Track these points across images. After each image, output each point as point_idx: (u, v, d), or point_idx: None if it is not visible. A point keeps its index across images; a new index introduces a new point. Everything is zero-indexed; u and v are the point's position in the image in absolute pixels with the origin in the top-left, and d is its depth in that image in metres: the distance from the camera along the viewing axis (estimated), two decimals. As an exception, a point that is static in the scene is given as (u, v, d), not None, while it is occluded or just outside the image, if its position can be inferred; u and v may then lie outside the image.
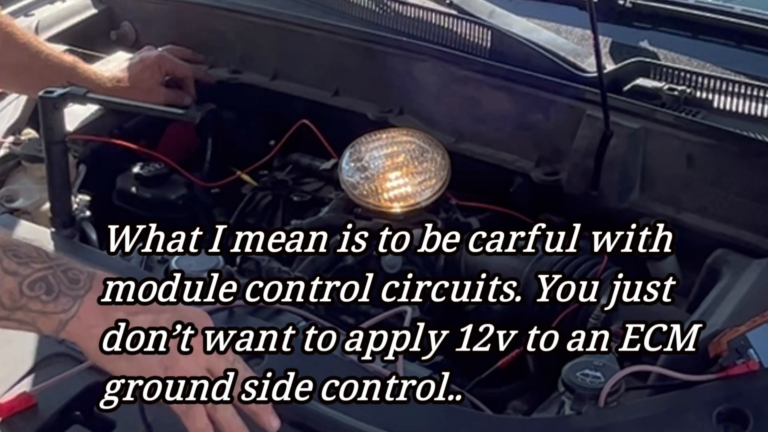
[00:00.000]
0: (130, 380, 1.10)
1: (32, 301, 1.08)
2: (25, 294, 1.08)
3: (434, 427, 1.19)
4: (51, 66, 1.80)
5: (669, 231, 1.50)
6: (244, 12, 2.01)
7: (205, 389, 1.10)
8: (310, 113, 1.87)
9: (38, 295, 1.08)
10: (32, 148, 1.72)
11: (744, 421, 1.12)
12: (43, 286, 1.09)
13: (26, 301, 1.08)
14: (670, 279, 1.50)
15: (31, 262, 1.10)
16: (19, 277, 1.08)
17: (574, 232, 1.59)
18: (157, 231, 1.69)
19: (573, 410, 1.16)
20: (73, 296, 1.09)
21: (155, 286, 1.15)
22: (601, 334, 1.39)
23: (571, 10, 1.93)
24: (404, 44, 1.83)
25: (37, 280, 1.09)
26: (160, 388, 1.09)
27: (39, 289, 1.08)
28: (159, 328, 1.11)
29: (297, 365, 1.23)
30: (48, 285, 1.09)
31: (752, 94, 1.59)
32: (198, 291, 1.35)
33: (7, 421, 1.23)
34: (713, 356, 1.20)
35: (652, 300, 1.43)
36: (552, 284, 1.49)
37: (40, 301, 1.08)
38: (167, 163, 1.85)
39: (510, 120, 1.73)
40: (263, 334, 1.28)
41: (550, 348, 1.45)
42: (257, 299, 1.36)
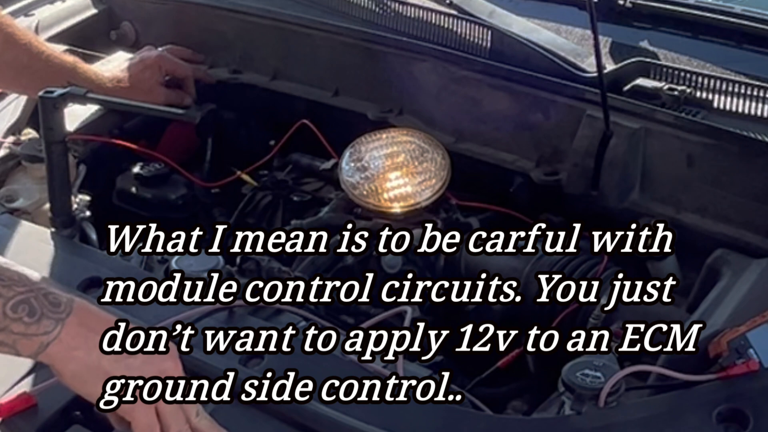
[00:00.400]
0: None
1: (15, 323, 1.10)
2: (8, 315, 1.10)
3: (434, 427, 1.19)
4: (51, 66, 1.80)
5: (669, 231, 1.50)
6: (244, 12, 2.01)
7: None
8: (310, 113, 1.88)
9: (21, 317, 1.10)
10: (32, 148, 1.72)
11: (744, 421, 1.12)
12: (25, 308, 1.11)
13: (8, 323, 1.10)
14: (670, 279, 1.50)
15: (13, 285, 1.12)
16: (2, 299, 1.10)
17: (574, 232, 1.59)
18: (157, 231, 1.69)
19: (573, 410, 1.16)
20: (55, 319, 1.12)
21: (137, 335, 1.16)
22: (601, 334, 1.39)
23: (571, 10, 1.93)
24: (404, 44, 1.83)
25: (19, 303, 1.11)
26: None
27: (22, 311, 1.10)
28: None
29: (297, 365, 1.23)
30: (30, 307, 1.11)
31: (752, 94, 1.59)
32: (198, 291, 1.35)
33: (7, 421, 1.23)
34: (713, 356, 1.20)
35: (652, 300, 1.43)
36: (552, 284, 1.49)
37: (22, 323, 1.10)
38: (167, 163, 1.85)
39: (510, 120, 1.73)
40: (263, 334, 1.28)
41: (550, 348, 1.45)
42: (257, 299, 1.36)
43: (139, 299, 1.11)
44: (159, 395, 1.11)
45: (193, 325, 1.12)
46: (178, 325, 1.11)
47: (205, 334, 1.12)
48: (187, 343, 1.11)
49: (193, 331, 1.11)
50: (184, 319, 1.29)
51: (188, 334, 1.11)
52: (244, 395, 1.12)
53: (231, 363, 1.23)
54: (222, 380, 1.11)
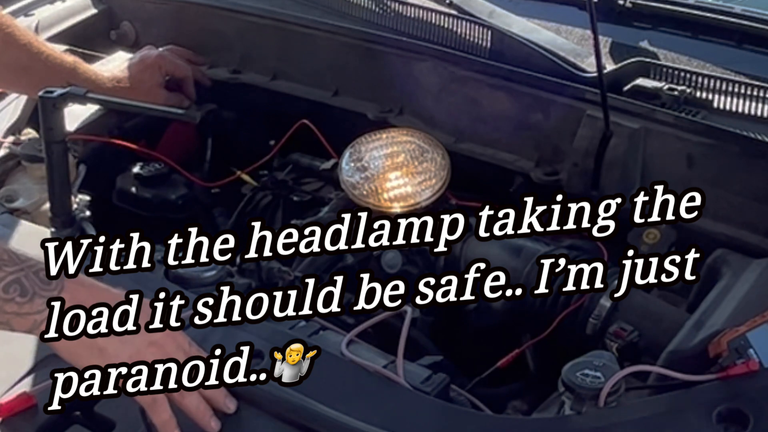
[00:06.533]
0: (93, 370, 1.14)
1: (8, 303, 1.11)
2: (0, 297, 1.11)
3: (434, 427, 1.18)
4: (51, 67, 1.80)
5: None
6: (244, 12, 2.01)
7: (173, 376, 1.15)
8: (310, 113, 1.87)
9: (13, 297, 1.12)
10: (32, 148, 1.72)
11: (744, 421, 1.12)
12: (17, 288, 1.12)
13: (1, 304, 1.11)
14: (692, 251, 1.35)
15: (3, 265, 1.12)
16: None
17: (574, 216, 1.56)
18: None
19: (573, 410, 1.16)
20: (47, 297, 1.12)
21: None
22: (601, 334, 1.39)
23: (571, 10, 1.94)
24: (404, 44, 1.83)
25: (11, 283, 1.12)
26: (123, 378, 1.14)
27: (13, 291, 1.12)
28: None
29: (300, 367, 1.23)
30: (22, 287, 1.12)
31: (752, 94, 1.59)
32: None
33: (7, 421, 1.23)
34: (713, 356, 1.20)
35: (672, 280, 1.33)
36: (556, 271, 1.46)
37: (15, 303, 1.11)
38: (167, 163, 1.85)
39: (510, 120, 1.73)
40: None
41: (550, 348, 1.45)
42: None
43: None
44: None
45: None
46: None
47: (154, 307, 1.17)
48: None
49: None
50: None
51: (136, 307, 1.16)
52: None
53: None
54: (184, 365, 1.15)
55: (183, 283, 1.41)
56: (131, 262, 1.35)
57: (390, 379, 1.23)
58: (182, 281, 1.42)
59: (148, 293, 1.27)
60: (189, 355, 1.18)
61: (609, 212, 1.41)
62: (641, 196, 1.51)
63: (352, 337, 1.30)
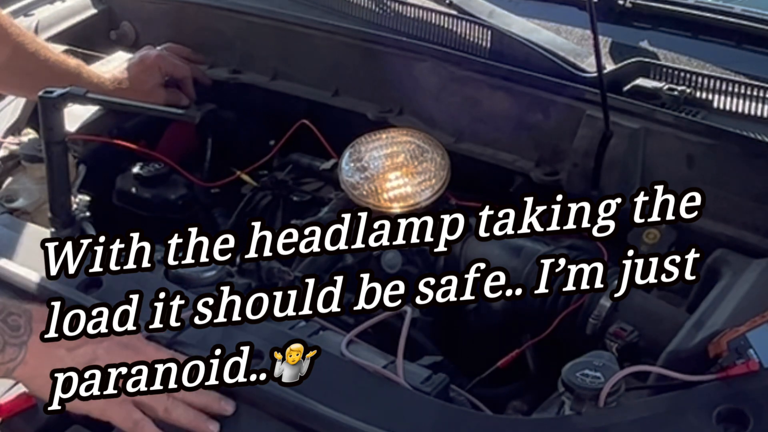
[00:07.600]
0: None
1: None
2: None
3: (434, 427, 1.19)
4: (55, 73, 1.80)
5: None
6: (244, 12, 2.01)
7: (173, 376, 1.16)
8: (310, 113, 1.88)
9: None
10: (32, 148, 1.72)
11: (744, 421, 1.12)
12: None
13: None
14: (692, 251, 1.36)
15: None
16: None
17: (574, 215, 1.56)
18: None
19: (573, 410, 1.16)
20: (17, 344, 1.14)
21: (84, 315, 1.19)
22: (601, 334, 1.39)
23: (571, 10, 1.94)
24: (404, 44, 1.83)
25: None
26: None
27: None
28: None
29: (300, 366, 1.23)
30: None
31: (752, 94, 1.59)
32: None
33: (7, 421, 1.23)
34: (713, 356, 1.20)
35: (671, 279, 1.34)
36: (556, 271, 1.46)
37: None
38: (167, 163, 1.85)
39: (510, 120, 1.73)
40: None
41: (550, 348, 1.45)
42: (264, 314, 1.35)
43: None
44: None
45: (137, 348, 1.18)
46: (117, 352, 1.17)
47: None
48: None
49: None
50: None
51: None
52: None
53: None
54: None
55: (183, 283, 1.41)
56: (131, 262, 1.36)
57: (390, 379, 1.23)
58: (182, 281, 1.42)
59: (148, 293, 1.27)
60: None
61: (609, 212, 1.42)
62: (641, 196, 1.51)
63: (351, 337, 1.30)
